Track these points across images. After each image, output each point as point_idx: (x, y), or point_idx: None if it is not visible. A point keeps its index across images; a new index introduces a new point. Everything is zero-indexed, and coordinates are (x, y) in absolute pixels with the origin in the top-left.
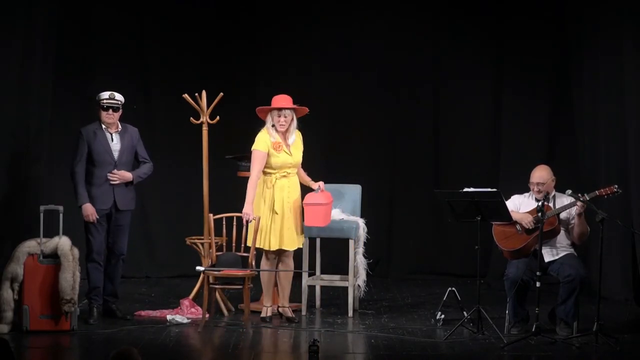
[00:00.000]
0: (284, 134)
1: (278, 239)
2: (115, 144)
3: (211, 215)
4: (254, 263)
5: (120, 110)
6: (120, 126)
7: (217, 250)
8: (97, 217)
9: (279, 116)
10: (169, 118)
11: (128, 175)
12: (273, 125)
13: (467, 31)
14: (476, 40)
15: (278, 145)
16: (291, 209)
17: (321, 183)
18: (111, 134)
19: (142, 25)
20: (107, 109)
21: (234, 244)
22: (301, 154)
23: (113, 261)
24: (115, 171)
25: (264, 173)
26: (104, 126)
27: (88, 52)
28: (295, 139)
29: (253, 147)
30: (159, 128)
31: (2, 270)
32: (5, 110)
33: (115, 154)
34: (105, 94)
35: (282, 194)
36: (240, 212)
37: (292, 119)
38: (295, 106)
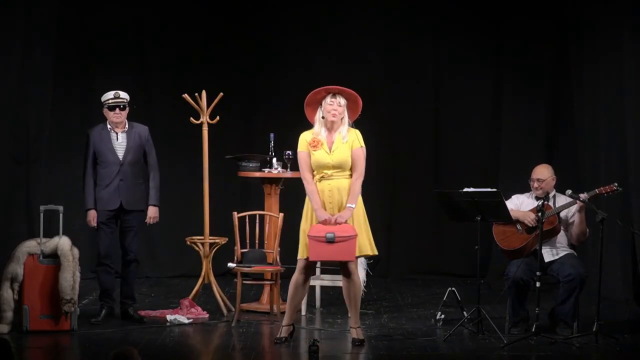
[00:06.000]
0: (331, 131)
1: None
2: (121, 143)
3: (235, 213)
4: (278, 259)
5: (127, 108)
6: (127, 125)
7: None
8: (96, 223)
9: (332, 104)
10: (169, 118)
11: (156, 209)
12: (323, 118)
13: (467, 31)
14: (476, 40)
15: (316, 142)
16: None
17: (339, 215)
18: (117, 133)
19: (142, 25)
20: (113, 108)
21: (257, 242)
22: (348, 156)
23: (125, 263)
24: (149, 216)
25: None
26: (109, 126)
27: (88, 51)
28: (348, 138)
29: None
30: (159, 128)
31: (2, 270)
32: (5, 110)
33: (120, 154)
34: (109, 94)
35: (322, 198)
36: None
37: (344, 112)
38: (351, 90)
